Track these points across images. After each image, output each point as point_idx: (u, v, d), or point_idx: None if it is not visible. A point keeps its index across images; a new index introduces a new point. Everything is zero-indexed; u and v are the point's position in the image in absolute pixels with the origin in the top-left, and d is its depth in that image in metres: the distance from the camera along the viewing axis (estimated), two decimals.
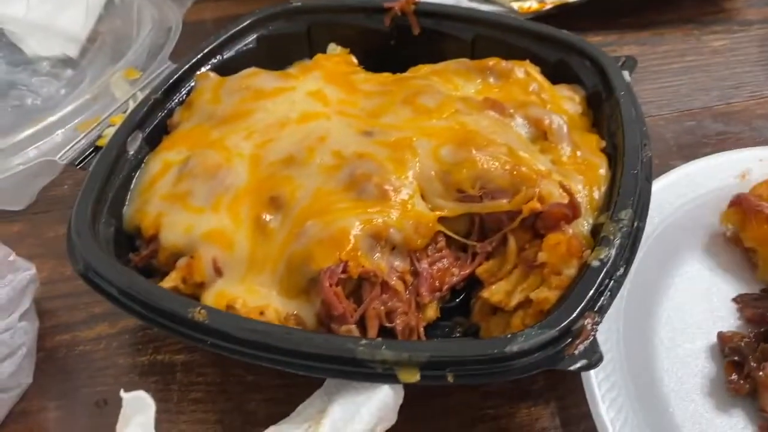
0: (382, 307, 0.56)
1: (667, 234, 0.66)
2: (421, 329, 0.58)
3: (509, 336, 0.49)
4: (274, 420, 0.51)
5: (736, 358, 0.57)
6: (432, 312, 0.60)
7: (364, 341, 0.49)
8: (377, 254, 0.57)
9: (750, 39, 0.96)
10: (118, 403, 0.59)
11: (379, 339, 0.50)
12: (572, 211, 0.57)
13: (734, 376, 0.57)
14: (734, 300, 0.64)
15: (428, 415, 0.58)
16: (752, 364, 0.56)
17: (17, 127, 0.72)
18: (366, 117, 0.67)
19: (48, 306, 0.68)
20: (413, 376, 0.48)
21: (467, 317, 0.62)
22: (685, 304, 0.63)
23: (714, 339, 0.61)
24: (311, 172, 0.61)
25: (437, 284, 0.60)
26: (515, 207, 0.58)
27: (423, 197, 0.60)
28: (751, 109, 0.85)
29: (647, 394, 0.56)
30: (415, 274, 0.59)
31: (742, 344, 0.57)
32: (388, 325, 0.57)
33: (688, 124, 0.84)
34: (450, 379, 0.48)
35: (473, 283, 0.62)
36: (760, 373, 0.55)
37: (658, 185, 0.67)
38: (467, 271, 0.61)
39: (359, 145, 0.62)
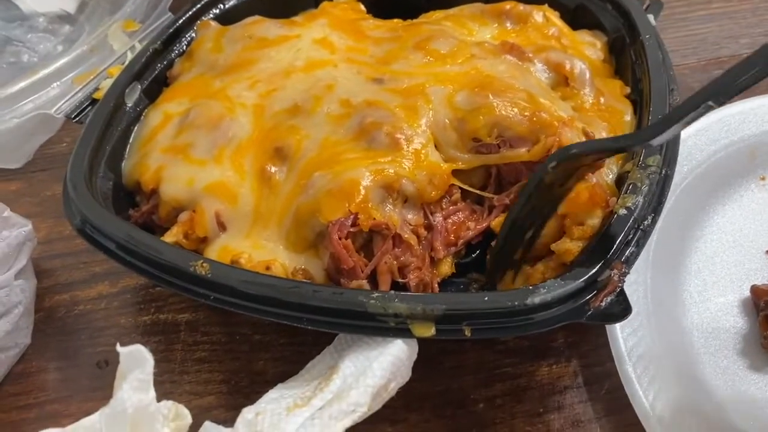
0: (395, 262, 0.53)
1: (697, 183, 0.63)
2: (435, 285, 0.55)
3: (530, 288, 0.46)
4: (284, 379, 0.48)
5: None
6: (447, 267, 0.57)
7: (375, 294, 0.46)
8: (389, 206, 0.54)
9: None
10: (119, 363, 0.57)
11: (392, 292, 0.47)
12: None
13: None
14: None
15: (443, 373, 0.56)
16: None
17: (12, 83, 0.69)
18: (375, 64, 0.63)
19: (46, 265, 0.66)
20: (428, 330, 0.45)
21: (484, 273, 0.59)
22: (716, 256, 0.60)
23: (746, 293, 0.57)
24: (318, 122, 0.58)
25: (452, 238, 0.57)
26: (534, 157, 0.55)
27: (437, 147, 0.57)
28: None
29: (676, 350, 0.53)
30: (429, 227, 0.56)
31: None
32: (400, 280, 0.54)
33: (716, 73, 0.80)
34: (467, 333, 0.45)
35: (490, 238, 0.59)
36: None
37: (688, 131, 0.63)
38: (483, 225, 0.57)
39: (369, 93, 0.59)
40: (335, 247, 0.51)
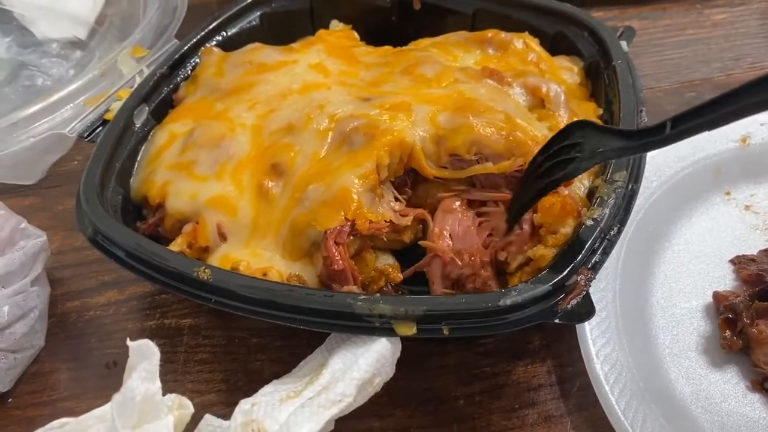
0: None
1: (666, 197, 0.67)
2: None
3: (503, 290, 0.50)
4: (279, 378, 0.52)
5: (730, 315, 0.58)
6: None
7: (362, 296, 0.50)
8: (379, 207, 0.58)
9: (751, 12, 0.96)
10: (126, 364, 0.61)
11: (377, 294, 0.51)
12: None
13: (728, 333, 0.57)
14: (731, 261, 0.64)
15: (427, 373, 0.60)
16: (746, 320, 0.56)
17: (27, 105, 0.74)
18: (365, 86, 0.68)
19: (59, 275, 0.70)
20: (410, 329, 0.50)
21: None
22: (682, 266, 0.64)
23: (710, 299, 0.62)
24: (309, 138, 0.62)
25: None
26: (500, 170, 0.59)
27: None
28: None
29: (642, 350, 0.57)
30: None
31: (736, 302, 0.58)
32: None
33: (688, 95, 0.84)
34: (445, 331, 0.49)
35: None
36: (754, 329, 0.56)
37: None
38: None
39: (356, 109, 0.63)
40: (329, 250, 0.55)
